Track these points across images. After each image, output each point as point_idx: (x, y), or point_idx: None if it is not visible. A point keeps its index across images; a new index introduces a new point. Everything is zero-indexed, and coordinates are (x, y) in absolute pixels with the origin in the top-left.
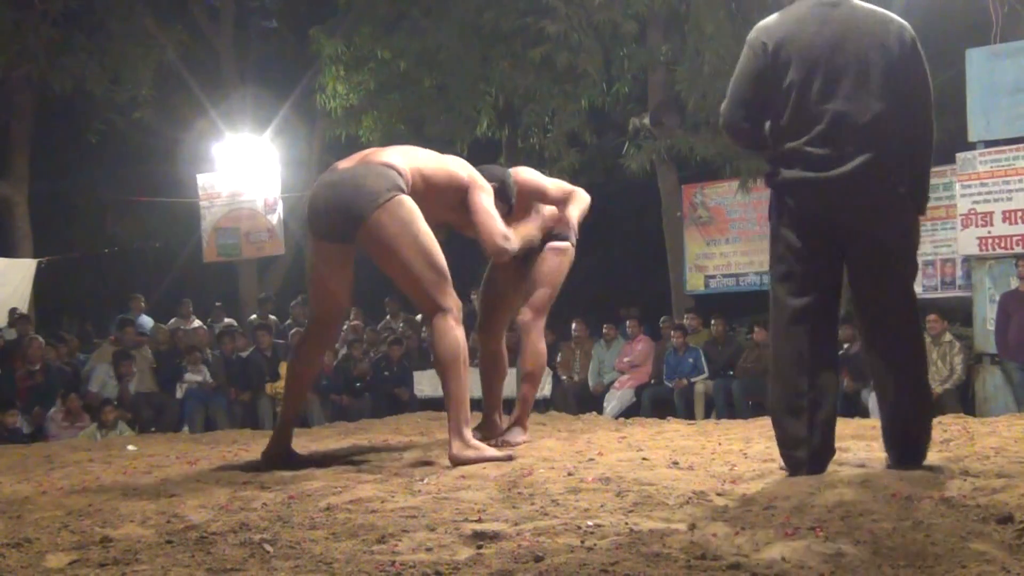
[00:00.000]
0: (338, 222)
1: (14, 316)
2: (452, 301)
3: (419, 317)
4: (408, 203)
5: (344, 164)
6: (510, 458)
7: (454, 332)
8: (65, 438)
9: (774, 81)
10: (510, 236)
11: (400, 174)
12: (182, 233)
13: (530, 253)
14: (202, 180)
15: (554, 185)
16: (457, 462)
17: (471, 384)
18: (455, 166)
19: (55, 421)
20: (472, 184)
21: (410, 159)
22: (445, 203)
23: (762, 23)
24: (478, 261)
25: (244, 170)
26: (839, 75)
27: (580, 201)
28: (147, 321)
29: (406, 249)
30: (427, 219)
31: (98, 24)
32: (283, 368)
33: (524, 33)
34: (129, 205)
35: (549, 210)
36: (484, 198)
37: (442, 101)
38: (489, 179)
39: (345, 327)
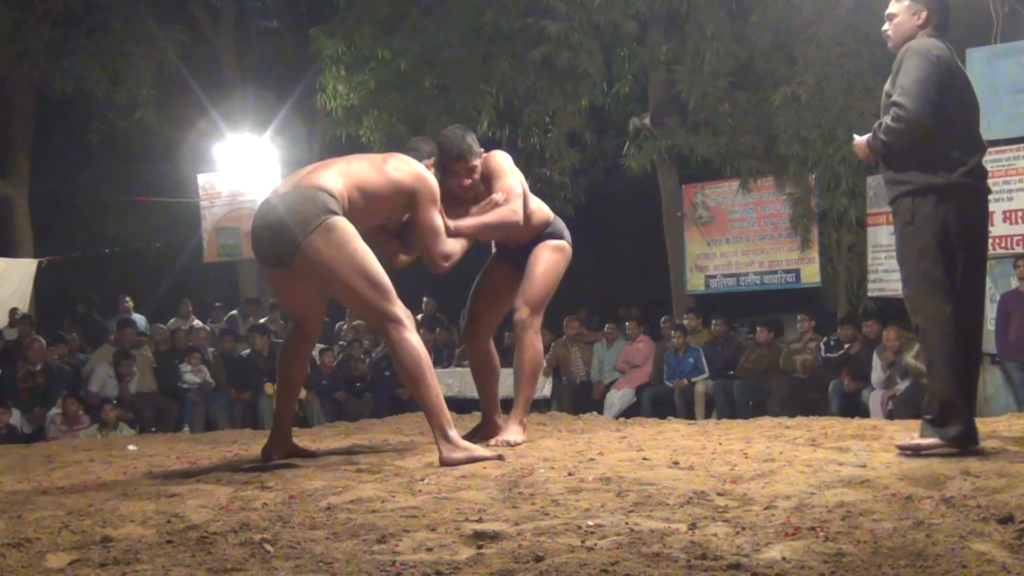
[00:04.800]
0: (274, 250)
1: (15, 316)
2: (400, 311)
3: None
4: (340, 224)
5: (280, 188)
6: (500, 457)
7: (410, 341)
8: (64, 440)
9: (948, 94)
10: (450, 254)
11: (332, 195)
12: (182, 233)
13: (523, 251)
14: (203, 180)
15: (504, 184)
16: (448, 465)
17: (463, 384)
18: (397, 172)
19: (55, 423)
20: (418, 197)
21: (347, 175)
22: (389, 209)
23: (925, 41)
24: (478, 264)
25: (244, 170)
26: (972, 104)
27: (492, 214)
28: (141, 320)
29: (344, 270)
30: (373, 225)
31: (98, 24)
32: None
33: (524, 33)
34: (129, 205)
35: (537, 208)
36: (429, 215)
37: (442, 101)
38: (428, 154)
39: (345, 327)
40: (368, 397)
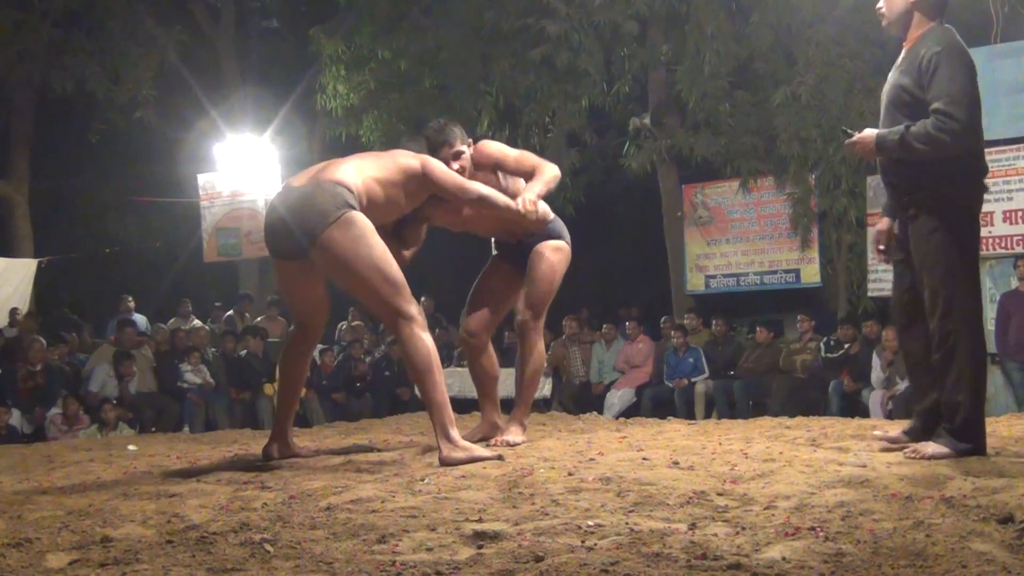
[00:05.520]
0: (290, 242)
1: (15, 316)
2: (414, 308)
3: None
4: (358, 219)
5: (296, 182)
6: (500, 458)
7: (421, 338)
8: (64, 440)
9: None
10: (482, 194)
11: (350, 190)
12: (182, 233)
13: (523, 253)
14: (203, 180)
15: (517, 155)
16: (448, 464)
17: (463, 384)
18: (403, 159)
19: (55, 423)
20: (428, 172)
21: (362, 171)
22: (404, 197)
23: (954, 39)
24: (481, 262)
25: (245, 170)
26: None
27: (545, 173)
28: (141, 320)
29: (359, 264)
30: (387, 220)
31: (98, 24)
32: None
33: (524, 33)
34: (129, 205)
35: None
36: (445, 175)
37: (442, 101)
38: (417, 151)
39: (345, 327)
40: (368, 397)
